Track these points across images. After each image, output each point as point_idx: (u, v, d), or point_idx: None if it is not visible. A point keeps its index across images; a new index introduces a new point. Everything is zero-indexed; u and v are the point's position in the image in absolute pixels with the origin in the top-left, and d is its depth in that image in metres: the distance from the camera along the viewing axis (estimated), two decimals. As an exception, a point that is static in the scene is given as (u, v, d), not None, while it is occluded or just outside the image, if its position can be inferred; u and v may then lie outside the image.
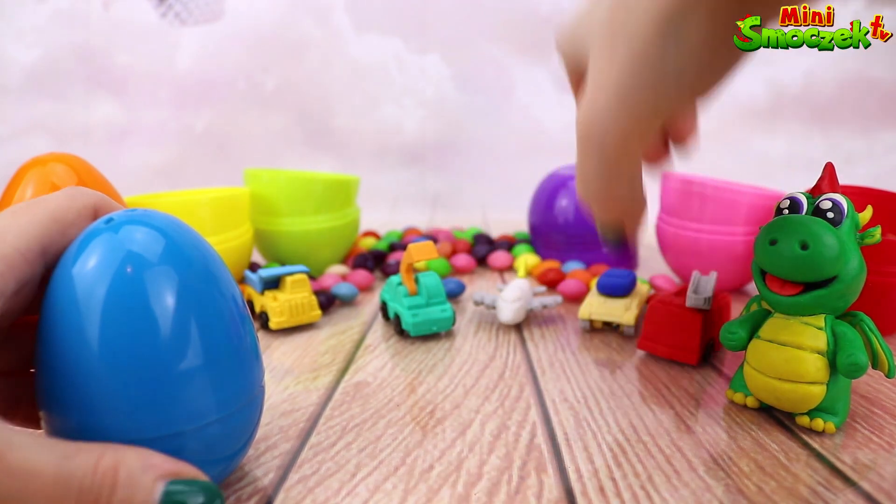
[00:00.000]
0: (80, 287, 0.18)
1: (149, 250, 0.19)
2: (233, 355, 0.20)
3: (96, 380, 0.18)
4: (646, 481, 0.23)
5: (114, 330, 0.18)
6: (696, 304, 0.33)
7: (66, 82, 1.09)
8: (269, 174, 0.54)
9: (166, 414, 0.18)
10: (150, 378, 0.18)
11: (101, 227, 0.19)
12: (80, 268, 0.18)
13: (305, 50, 1.13)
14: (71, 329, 0.18)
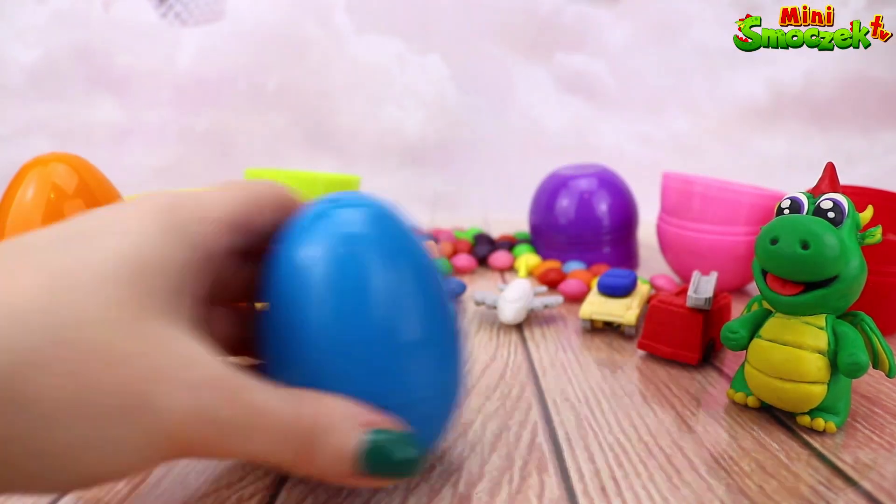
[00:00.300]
0: (307, 266, 0.19)
1: (367, 230, 0.20)
2: (447, 332, 0.21)
3: (323, 354, 0.19)
4: (647, 481, 0.23)
5: (339, 307, 0.19)
6: (697, 304, 0.34)
7: (66, 82, 1.09)
8: (270, 174, 0.54)
9: (388, 387, 0.19)
10: (374, 353, 0.19)
11: (325, 207, 0.20)
12: (306, 248, 0.19)
13: (306, 50, 1.13)
14: (299, 307, 0.19)
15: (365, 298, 0.19)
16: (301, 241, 0.20)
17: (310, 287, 0.19)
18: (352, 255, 0.19)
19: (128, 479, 0.23)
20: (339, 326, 0.19)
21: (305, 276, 0.19)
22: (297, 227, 0.20)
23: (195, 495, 0.22)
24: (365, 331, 0.19)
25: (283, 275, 0.20)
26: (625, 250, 0.58)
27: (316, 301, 0.19)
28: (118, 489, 0.23)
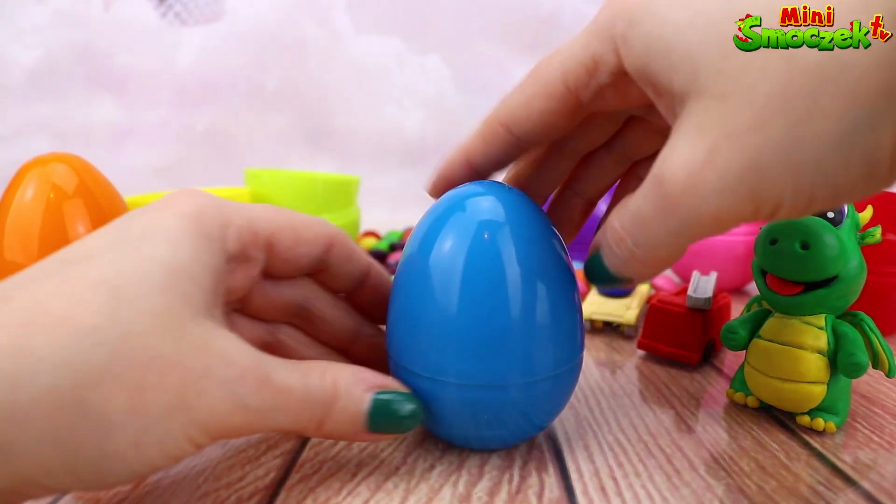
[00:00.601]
0: (445, 251, 0.21)
1: (503, 219, 0.21)
2: (570, 316, 0.23)
3: (454, 331, 0.21)
4: (646, 481, 0.23)
5: (472, 290, 0.21)
6: (697, 304, 0.34)
7: (66, 82, 1.09)
8: (270, 174, 0.54)
9: (510, 366, 0.21)
10: (500, 334, 0.21)
11: (463, 195, 0.22)
12: (443, 235, 0.21)
13: (306, 50, 1.13)
14: (432, 288, 0.21)
15: (493, 282, 0.21)
16: (437, 228, 0.22)
17: (442, 272, 0.21)
18: (484, 243, 0.21)
19: (127, 479, 0.23)
20: (468, 311, 0.21)
21: (438, 262, 0.21)
22: (433, 216, 0.23)
23: (195, 495, 0.22)
24: (489, 314, 0.21)
25: (418, 262, 0.22)
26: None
27: (449, 286, 0.21)
28: (118, 489, 0.23)
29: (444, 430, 0.24)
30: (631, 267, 0.20)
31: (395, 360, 0.23)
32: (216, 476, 0.24)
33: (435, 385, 0.22)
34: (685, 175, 0.16)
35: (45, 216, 0.34)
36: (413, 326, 0.22)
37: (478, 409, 0.22)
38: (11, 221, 0.34)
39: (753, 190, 0.15)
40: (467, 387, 0.21)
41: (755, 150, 0.15)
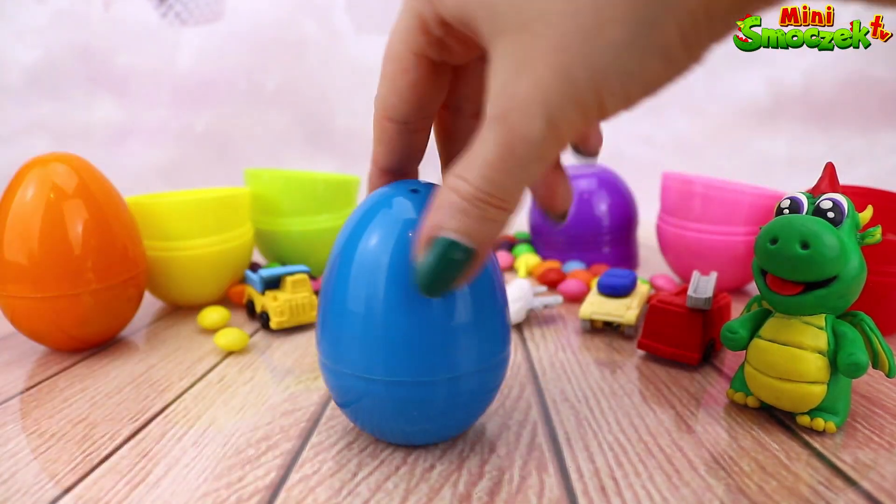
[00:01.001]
0: (370, 251, 0.22)
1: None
2: (492, 313, 0.23)
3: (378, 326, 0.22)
4: (646, 480, 0.23)
5: (398, 287, 0.21)
6: (697, 304, 0.34)
7: (66, 82, 1.08)
8: (270, 174, 0.54)
9: (434, 362, 0.22)
10: (427, 331, 0.22)
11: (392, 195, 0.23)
12: (368, 235, 0.22)
13: (305, 50, 1.13)
14: (362, 284, 0.22)
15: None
16: (363, 227, 0.23)
17: (370, 270, 0.22)
18: (407, 242, 0.21)
19: (127, 480, 0.23)
20: (393, 307, 0.21)
21: (364, 261, 0.22)
22: (361, 214, 0.23)
23: (195, 495, 0.22)
24: (416, 312, 0.21)
25: (345, 259, 0.23)
26: (625, 250, 0.58)
27: (376, 282, 0.22)
28: (118, 489, 0.23)
29: (373, 426, 0.25)
30: (485, 227, 0.19)
31: (324, 361, 0.24)
32: (216, 476, 0.24)
33: (362, 382, 0.22)
34: (514, 102, 0.17)
35: (45, 216, 0.34)
36: (340, 326, 0.23)
37: (405, 405, 0.22)
38: (11, 221, 0.34)
39: (573, 98, 0.17)
40: (394, 384, 0.22)
41: (563, 66, 0.16)
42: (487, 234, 0.19)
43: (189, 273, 0.44)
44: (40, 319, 0.35)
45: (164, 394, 0.32)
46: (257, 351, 0.38)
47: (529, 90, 0.17)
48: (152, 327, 0.43)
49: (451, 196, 0.19)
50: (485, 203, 0.19)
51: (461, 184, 0.19)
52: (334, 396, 0.25)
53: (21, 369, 0.35)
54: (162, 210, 0.43)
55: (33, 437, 0.27)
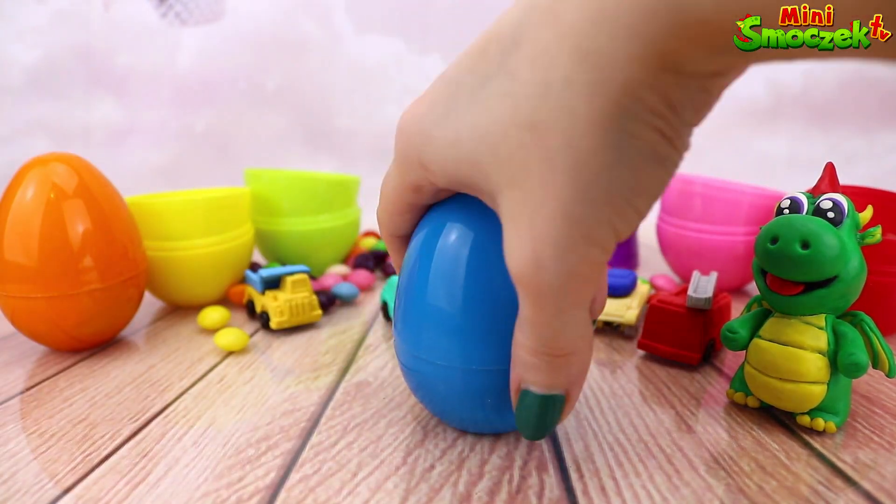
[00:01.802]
0: (447, 257, 0.23)
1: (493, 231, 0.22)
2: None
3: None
4: (647, 480, 0.23)
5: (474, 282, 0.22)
6: (697, 304, 0.34)
7: (66, 82, 1.09)
8: (270, 174, 0.54)
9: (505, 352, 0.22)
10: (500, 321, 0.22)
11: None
12: (442, 244, 0.23)
13: (306, 50, 1.13)
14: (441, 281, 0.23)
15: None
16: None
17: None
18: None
19: (127, 480, 0.23)
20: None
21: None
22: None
23: (195, 495, 0.22)
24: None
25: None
26: (625, 250, 0.58)
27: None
28: (118, 489, 0.23)
29: (454, 413, 0.25)
30: (560, 376, 0.20)
31: (411, 351, 0.24)
32: (216, 476, 0.24)
33: (443, 370, 0.23)
34: (530, 263, 0.17)
35: (45, 216, 0.34)
36: (429, 319, 0.23)
37: (477, 391, 0.23)
38: (11, 221, 0.34)
39: (583, 236, 0.17)
40: (468, 371, 0.23)
41: (562, 211, 0.16)
42: (565, 380, 0.20)
43: (189, 273, 0.44)
44: (40, 319, 0.35)
45: (164, 394, 0.32)
46: (257, 351, 0.38)
47: (535, 248, 0.17)
48: (152, 327, 0.43)
49: (520, 353, 0.20)
50: (548, 356, 0.19)
51: (522, 338, 0.19)
52: (410, 384, 0.26)
53: (21, 369, 0.35)
54: (162, 210, 0.43)
55: (33, 437, 0.27)
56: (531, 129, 0.16)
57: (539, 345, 0.19)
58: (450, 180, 0.20)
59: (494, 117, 0.17)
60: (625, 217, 0.17)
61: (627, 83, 0.15)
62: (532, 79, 0.16)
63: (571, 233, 0.16)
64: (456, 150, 0.19)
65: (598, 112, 0.15)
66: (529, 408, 0.20)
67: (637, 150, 0.16)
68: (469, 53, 0.19)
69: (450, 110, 0.19)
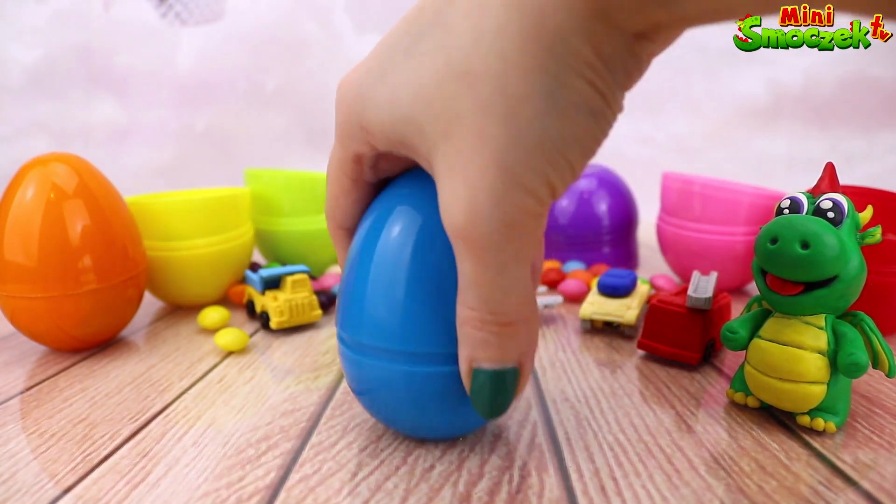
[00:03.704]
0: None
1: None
2: None
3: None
4: (647, 480, 0.23)
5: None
6: (697, 304, 0.34)
7: (66, 82, 1.08)
8: (270, 174, 0.54)
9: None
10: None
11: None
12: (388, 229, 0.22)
13: (306, 50, 1.13)
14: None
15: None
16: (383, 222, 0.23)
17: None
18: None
19: (127, 480, 0.23)
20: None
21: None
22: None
23: (195, 495, 0.22)
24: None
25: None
26: (625, 250, 0.58)
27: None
28: (118, 489, 0.23)
29: (388, 413, 0.25)
30: (510, 347, 0.19)
31: (354, 338, 0.24)
32: (216, 476, 0.24)
33: (388, 372, 0.23)
34: (467, 214, 0.17)
35: (45, 216, 0.34)
36: (374, 301, 0.23)
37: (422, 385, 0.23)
38: (11, 221, 0.34)
39: (517, 185, 0.17)
40: (413, 356, 0.22)
41: (495, 160, 0.16)
42: (517, 351, 0.20)
43: (189, 273, 0.44)
44: (40, 319, 0.35)
45: (164, 394, 0.32)
46: (257, 351, 0.38)
47: (471, 198, 0.17)
48: (152, 327, 0.43)
49: (467, 329, 0.19)
50: (495, 325, 0.19)
51: (467, 313, 0.19)
52: (350, 381, 0.25)
53: (21, 369, 0.35)
54: (162, 210, 0.43)
55: (33, 437, 0.27)
56: (463, 79, 0.16)
57: (485, 310, 0.19)
58: (390, 141, 0.20)
59: (429, 71, 0.17)
60: (558, 168, 0.17)
61: (559, 29, 0.15)
62: (465, 29, 0.16)
63: (506, 180, 0.16)
64: (393, 108, 0.19)
65: (530, 58, 0.16)
66: (484, 386, 0.20)
67: (569, 100, 0.16)
68: (405, 17, 0.19)
69: (386, 71, 0.19)
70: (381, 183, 0.25)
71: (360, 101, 0.20)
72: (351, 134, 0.21)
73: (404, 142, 0.19)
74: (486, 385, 0.20)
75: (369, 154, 0.22)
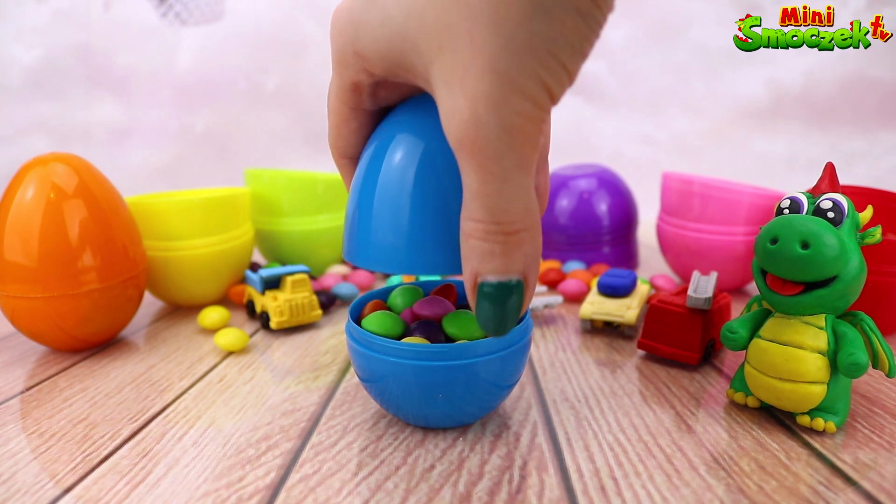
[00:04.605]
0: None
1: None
2: None
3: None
4: (647, 480, 0.23)
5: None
6: (697, 304, 0.34)
7: (66, 82, 1.08)
8: (270, 174, 0.54)
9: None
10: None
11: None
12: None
13: (305, 50, 1.13)
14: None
15: None
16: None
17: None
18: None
19: (127, 480, 0.23)
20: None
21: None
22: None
23: (195, 495, 0.22)
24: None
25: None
26: (625, 250, 0.58)
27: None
28: (118, 489, 0.23)
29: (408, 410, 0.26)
30: (515, 257, 0.19)
31: (362, 256, 0.24)
32: (216, 476, 0.24)
33: (393, 366, 0.24)
34: (468, 122, 0.17)
35: (45, 216, 0.34)
36: (379, 221, 0.23)
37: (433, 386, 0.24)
38: (11, 221, 0.34)
39: (515, 90, 0.17)
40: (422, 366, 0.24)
41: (490, 67, 0.17)
42: (522, 262, 0.19)
43: (189, 273, 0.44)
44: (40, 319, 0.35)
45: (164, 394, 0.32)
46: (257, 351, 0.38)
47: (470, 107, 0.17)
48: (152, 327, 0.43)
49: (471, 242, 0.19)
50: (500, 235, 0.19)
51: (471, 225, 0.19)
52: (357, 369, 0.26)
53: (21, 369, 0.35)
54: (162, 210, 0.43)
55: (33, 437, 0.27)
56: (462, 8, 0.17)
57: (489, 219, 0.19)
58: (386, 63, 0.20)
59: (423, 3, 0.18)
60: (551, 70, 0.17)
61: None
62: None
63: (502, 86, 0.17)
64: (386, 28, 0.19)
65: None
66: (489, 299, 0.20)
67: (555, 1, 0.16)
68: None
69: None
70: (383, 112, 0.24)
71: (353, 26, 0.20)
72: (346, 62, 0.21)
73: (400, 62, 0.19)
74: (492, 298, 0.20)
75: (367, 82, 0.22)
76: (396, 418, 0.28)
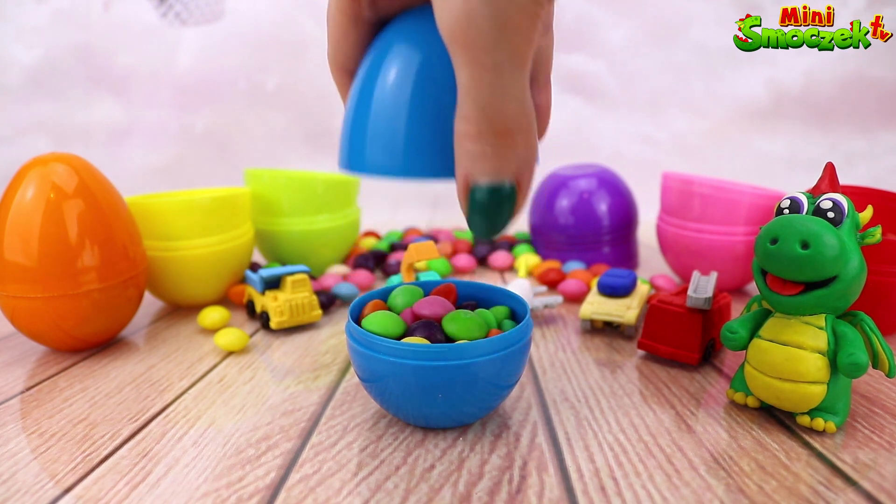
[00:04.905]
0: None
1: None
2: None
3: None
4: (647, 480, 0.23)
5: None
6: (697, 304, 0.34)
7: (66, 82, 1.09)
8: (270, 174, 0.54)
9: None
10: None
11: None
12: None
13: (305, 50, 1.13)
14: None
15: None
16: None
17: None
18: None
19: (127, 480, 0.23)
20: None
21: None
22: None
23: (195, 495, 0.22)
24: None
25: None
26: (625, 250, 0.58)
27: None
28: (118, 489, 0.23)
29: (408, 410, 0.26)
30: (508, 159, 0.19)
31: (355, 164, 0.24)
32: (216, 476, 0.24)
33: (393, 366, 0.24)
34: (461, 15, 0.17)
35: (45, 216, 0.34)
36: (376, 122, 0.23)
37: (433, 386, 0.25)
38: (11, 221, 0.34)
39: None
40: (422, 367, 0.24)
41: None
42: (514, 164, 0.19)
43: (189, 273, 0.44)
44: (40, 319, 0.35)
45: (164, 394, 0.32)
46: (257, 351, 0.38)
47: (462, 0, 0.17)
48: (152, 327, 0.43)
49: (464, 143, 0.19)
50: (492, 135, 0.18)
51: (464, 126, 0.19)
52: (357, 370, 0.26)
53: (21, 369, 0.35)
54: (162, 210, 0.43)
55: (33, 437, 0.27)
56: None
57: (482, 119, 0.18)
58: None
59: None
60: None
61: None
62: None
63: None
64: None
65: None
66: (481, 202, 0.19)
67: None
68: None
69: None
70: (382, 24, 0.24)
71: None
72: None
73: None
74: (484, 201, 0.19)
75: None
76: (396, 418, 0.28)
